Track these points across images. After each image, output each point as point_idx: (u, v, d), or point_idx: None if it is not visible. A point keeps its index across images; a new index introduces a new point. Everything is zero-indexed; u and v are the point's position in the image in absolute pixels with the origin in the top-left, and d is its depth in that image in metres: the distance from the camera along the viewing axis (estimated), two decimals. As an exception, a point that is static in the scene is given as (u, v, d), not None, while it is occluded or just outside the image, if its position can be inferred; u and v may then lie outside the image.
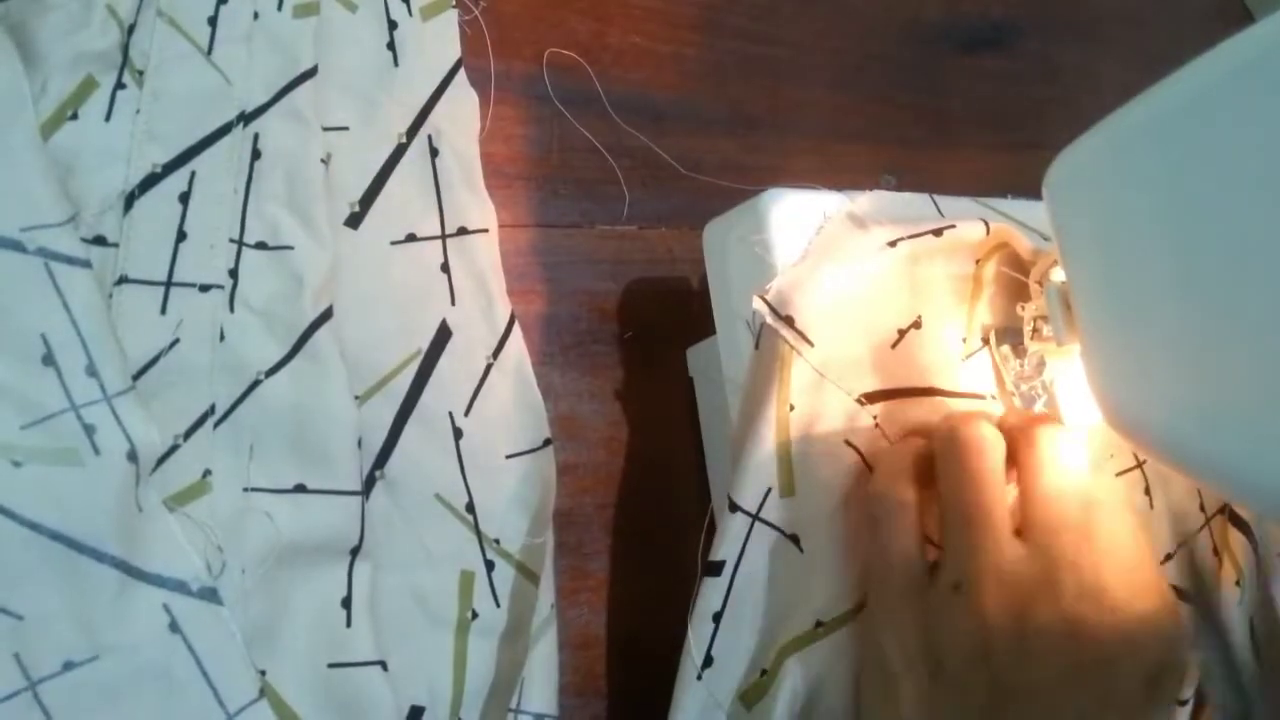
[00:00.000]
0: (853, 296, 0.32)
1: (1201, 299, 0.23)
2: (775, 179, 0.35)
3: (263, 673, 0.30)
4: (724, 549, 0.31)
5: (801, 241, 0.32)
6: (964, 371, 0.33)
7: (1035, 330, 0.32)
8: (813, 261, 0.32)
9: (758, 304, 0.32)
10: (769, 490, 0.31)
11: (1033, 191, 0.34)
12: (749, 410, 0.32)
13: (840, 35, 0.51)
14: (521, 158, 0.41)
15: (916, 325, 0.33)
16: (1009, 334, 0.34)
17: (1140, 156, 0.25)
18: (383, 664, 0.31)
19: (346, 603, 0.31)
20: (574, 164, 0.42)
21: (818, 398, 0.31)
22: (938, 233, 0.33)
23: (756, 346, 0.32)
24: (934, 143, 0.52)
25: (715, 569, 0.31)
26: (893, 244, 0.32)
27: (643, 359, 0.42)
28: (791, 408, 0.31)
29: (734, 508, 0.31)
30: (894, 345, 0.32)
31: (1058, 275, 0.29)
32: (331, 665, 0.30)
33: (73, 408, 0.28)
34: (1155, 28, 0.62)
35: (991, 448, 0.29)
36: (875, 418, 0.32)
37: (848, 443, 0.32)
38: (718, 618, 0.31)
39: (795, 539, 0.31)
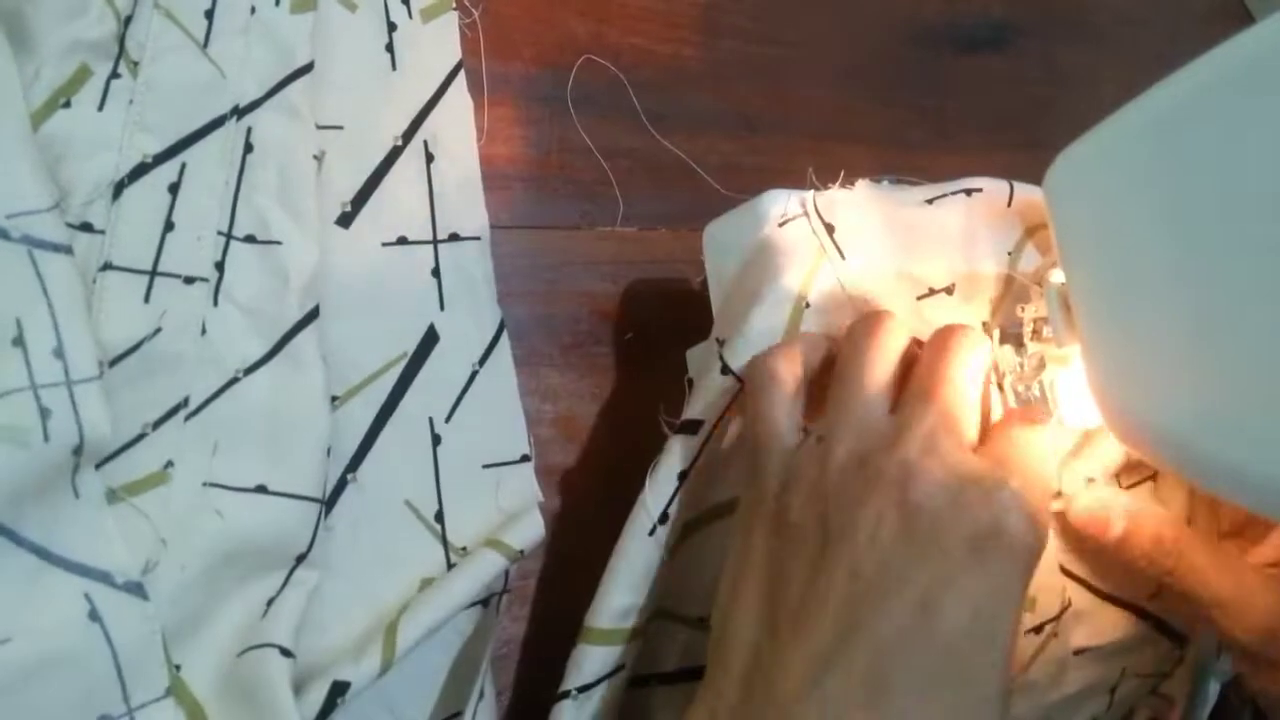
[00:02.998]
0: (899, 236, 0.33)
1: (1202, 299, 0.23)
2: (775, 179, 0.35)
3: (178, 666, 0.29)
4: (705, 409, 0.31)
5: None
6: None
7: (1035, 331, 0.32)
8: (862, 195, 0.33)
9: (804, 204, 0.33)
10: None
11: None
12: (758, 289, 0.32)
13: (840, 35, 0.51)
14: (521, 159, 0.41)
15: (949, 290, 0.33)
16: (1013, 335, 0.34)
17: (1140, 157, 0.25)
18: (282, 649, 0.30)
19: (272, 601, 0.31)
20: (573, 165, 0.42)
21: (831, 307, 0.32)
22: (968, 192, 0.34)
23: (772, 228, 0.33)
24: (934, 143, 0.52)
25: (691, 428, 0.31)
26: (930, 201, 0.33)
27: (643, 360, 0.41)
28: (807, 305, 0.32)
29: (726, 370, 0.31)
30: (920, 298, 0.33)
31: (1057, 276, 0.29)
32: (240, 654, 0.30)
33: (32, 386, 0.28)
34: (1155, 28, 0.62)
35: (894, 329, 0.29)
36: None
37: None
38: (683, 476, 0.31)
39: None
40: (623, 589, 0.31)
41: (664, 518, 0.31)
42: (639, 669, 0.34)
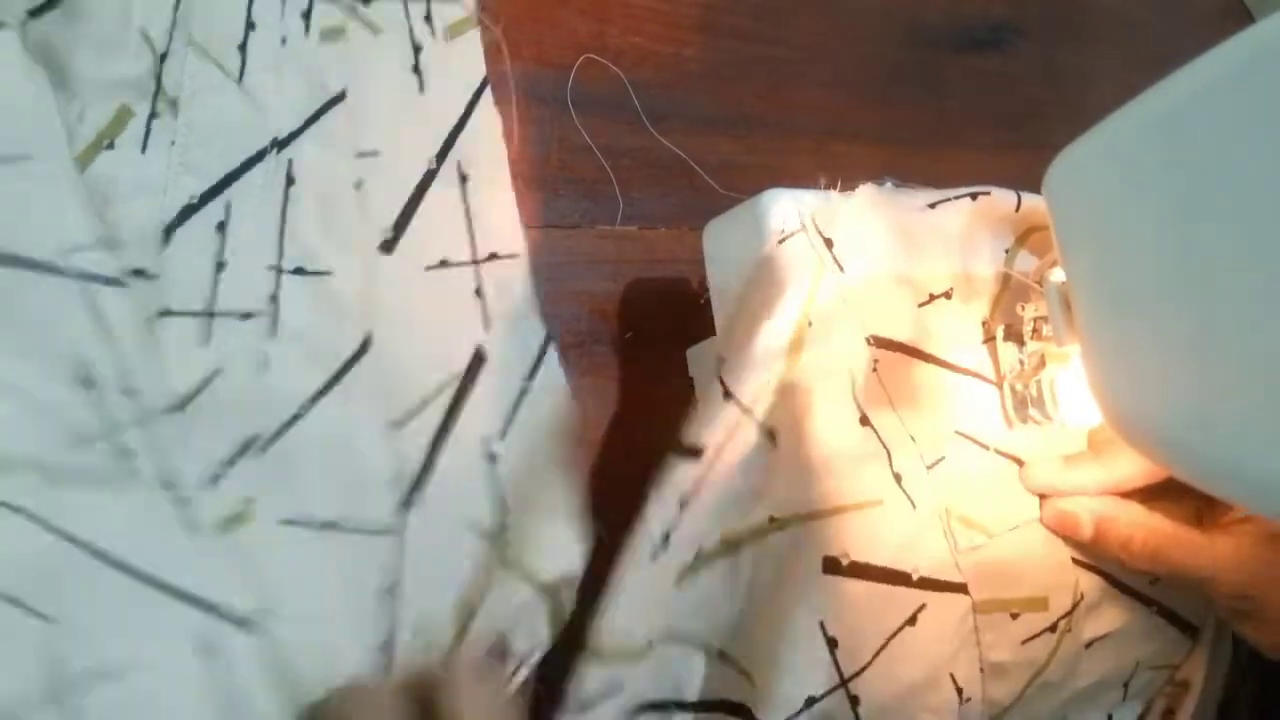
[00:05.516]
0: (898, 241, 0.33)
1: (1201, 299, 0.23)
2: (775, 179, 0.35)
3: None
4: (710, 435, 0.31)
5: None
6: (977, 353, 0.34)
7: (1035, 330, 0.32)
8: (862, 203, 0.33)
9: (803, 219, 0.33)
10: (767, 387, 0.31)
11: (1033, 191, 0.34)
12: (760, 311, 0.32)
13: (840, 35, 0.51)
14: (521, 158, 0.41)
15: (948, 295, 0.33)
16: (1014, 333, 0.34)
17: (1140, 156, 0.25)
18: None
19: (386, 647, 0.31)
20: (574, 164, 0.42)
21: (831, 321, 0.32)
22: (974, 196, 0.34)
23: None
24: (934, 143, 0.52)
25: (695, 453, 0.31)
26: (932, 205, 0.33)
27: (643, 359, 0.41)
28: (810, 324, 0.32)
29: (729, 396, 0.31)
30: (921, 305, 0.33)
31: (1057, 275, 0.29)
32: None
33: (109, 431, 0.28)
34: (1155, 28, 0.62)
35: None
36: (876, 361, 0.32)
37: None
38: (685, 502, 0.31)
39: (772, 434, 0.32)
40: (623, 611, 0.31)
41: (665, 540, 0.31)
42: (659, 693, 0.33)
